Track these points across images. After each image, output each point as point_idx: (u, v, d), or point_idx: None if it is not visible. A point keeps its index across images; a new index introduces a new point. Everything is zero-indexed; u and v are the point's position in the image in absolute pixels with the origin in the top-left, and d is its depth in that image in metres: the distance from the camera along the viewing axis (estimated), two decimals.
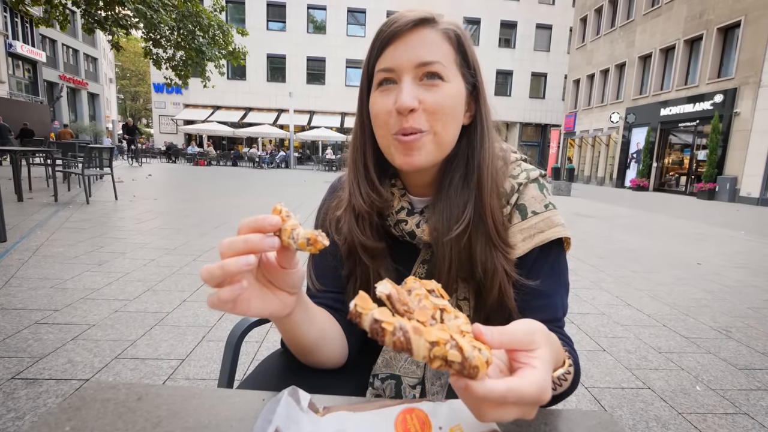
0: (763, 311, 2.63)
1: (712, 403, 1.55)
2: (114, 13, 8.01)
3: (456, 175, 0.58)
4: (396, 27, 0.53)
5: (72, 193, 6.38)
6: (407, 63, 0.53)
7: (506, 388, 0.30)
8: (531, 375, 0.31)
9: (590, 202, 10.16)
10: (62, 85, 26.58)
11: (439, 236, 0.57)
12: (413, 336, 0.29)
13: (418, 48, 0.53)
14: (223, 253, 0.37)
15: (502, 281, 0.56)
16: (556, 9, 26.16)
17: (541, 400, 0.31)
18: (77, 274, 2.60)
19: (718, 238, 5.59)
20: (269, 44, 25.06)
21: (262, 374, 0.59)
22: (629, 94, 17.97)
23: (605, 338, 2.11)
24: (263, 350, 1.78)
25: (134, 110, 54.04)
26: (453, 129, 0.56)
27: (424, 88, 0.53)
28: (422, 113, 0.53)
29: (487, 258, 0.56)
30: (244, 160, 22.68)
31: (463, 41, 0.56)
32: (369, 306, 0.31)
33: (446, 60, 0.54)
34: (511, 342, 0.33)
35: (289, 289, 0.44)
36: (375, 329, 0.29)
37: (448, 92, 0.53)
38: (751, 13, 12.30)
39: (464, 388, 0.30)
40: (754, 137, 12.13)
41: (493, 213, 0.57)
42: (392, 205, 0.62)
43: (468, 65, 0.57)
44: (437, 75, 0.53)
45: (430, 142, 0.54)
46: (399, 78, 0.53)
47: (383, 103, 0.54)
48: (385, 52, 0.54)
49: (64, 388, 1.40)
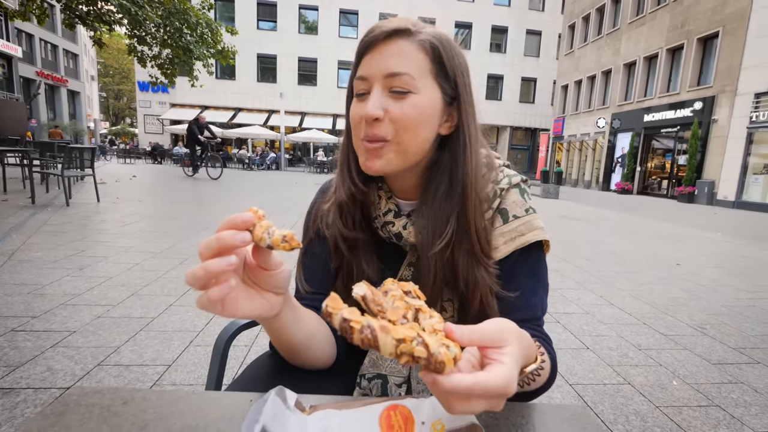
0: (736, 309, 2.72)
1: (687, 396, 1.60)
2: (96, 8, 7.79)
3: (440, 187, 0.59)
4: (371, 37, 0.55)
5: (51, 195, 6.21)
6: (377, 73, 0.54)
7: (473, 382, 0.32)
8: (497, 369, 0.33)
9: (577, 205, 10.34)
10: (39, 81, 25.80)
11: (424, 249, 0.58)
12: (380, 333, 0.31)
13: (388, 58, 0.54)
14: (201, 254, 0.37)
15: (484, 293, 0.58)
16: (545, 15, 26.62)
17: (506, 393, 0.33)
18: (56, 279, 2.54)
19: (696, 239, 5.76)
20: (260, 44, 24.84)
21: (251, 376, 0.60)
22: (615, 100, 18.37)
23: (589, 336, 2.16)
24: (252, 354, 1.77)
25: (117, 109, 52.95)
26: (419, 140, 0.56)
27: (392, 99, 0.54)
28: (388, 123, 0.55)
29: (469, 272, 0.58)
30: (233, 161, 22.42)
31: (440, 52, 0.56)
32: (339, 306, 0.33)
33: (418, 71, 0.54)
34: (480, 339, 0.35)
35: (274, 289, 0.45)
36: (344, 327, 0.32)
37: (414, 103, 0.54)
38: (728, 24, 12.73)
39: (432, 382, 0.32)
40: (730, 143, 12.54)
41: (476, 228, 0.58)
42: (380, 207, 0.64)
43: (446, 76, 0.57)
44: (405, 88, 0.54)
45: (393, 151, 0.56)
46: (370, 87, 0.55)
47: (356, 111, 0.57)
48: (362, 60, 0.57)
49: (43, 397, 1.37)
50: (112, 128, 46.25)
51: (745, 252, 4.93)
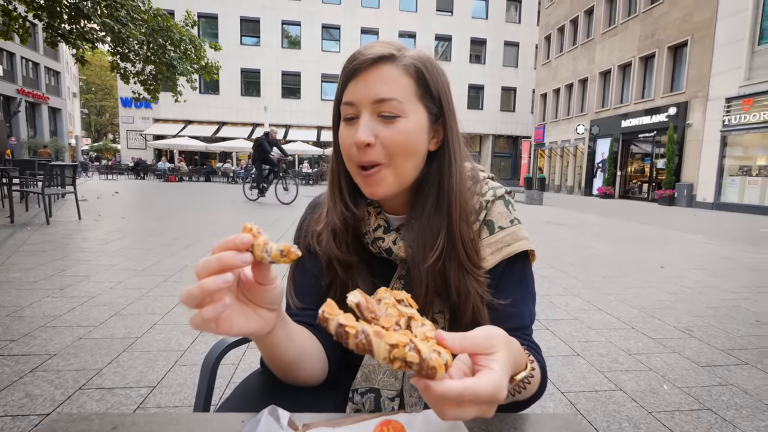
0: (722, 310, 2.78)
1: (679, 400, 1.62)
2: (79, 26, 7.73)
3: (428, 201, 0.60)
4: (357, 63, 0.56)
5: (30, 214, 6.05)
6: (365, 99, 0.55)
7: (463, 388, 0.32)
8: (487, 375, 0.34)
9: (561, 211, 10.52)
10: (20, 99, 25.33)
11: (416, 262, 0.59)
12: (374, 338, 0.32)
13: (376, 85, 0.55)
14: (199, 274, 0.37)
15: (476, 303, 0.58)
16: (522, 27, 27.44)
17: (496, 399, 0.34)
18: (36, 300, 2.45)
19: (678, 242, 5.90)
20: (243, 59, 24.92)
21: (241, 396, 0.59)
22: (592, 107, 18.91)
23: (578, 343, 2.17)
24: (239, 372, 1.73)
25: (100, 125, 52.12)
26: (412, 161, 0.58)
27: (381, 123, 0.56)
28: (380, 147, 0.56)
29: (461, 282, 0.59)
30: (217, 175, 22.21)
31: (424, 74, 0.57)
32: (335, 312, 0.34)
33: (405, 95, 0.56)
34: (471, 346, 0.35)
35: (269, 305, 0.44)
36: (339, 332, 0.32)
37: (403, 128, 0.56)
38: (696, 33, 13.31)
39: (424, 387, 0.32)
40: (706, 146, 13.00)
41: (463, 239, 0.59)
42: (369, 223, 0.64)
43: (431, 96, 0.58)
44: (393, 113, 0.55)
45: (390, 174, 0.57)
46: (359, 113, 0.56)
47: (347, 136, 0.58)
48: (348, 85, 0.57)
49: (22, 424, 1.31)
50: (94, 144, 45.49)
51: (725, 253, 5.07)
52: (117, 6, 7.39)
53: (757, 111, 11.26)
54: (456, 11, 26.47)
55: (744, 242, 5.99)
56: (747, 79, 11.54)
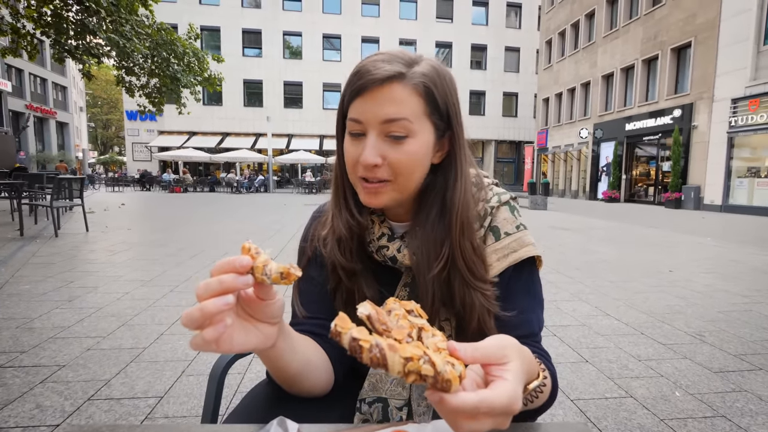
0: (733, 314, 2.74)
1: (691, 407, 1.59)
2: (85, 42, 7.90)
3: (432, 211, 0.60)
4: (364, 82, 0.54)
5: (39, 227, 6.12)
6: (374, 119, 0.54)
7: (478, 400, 0.32)
8: (501, 386, 0.33)
9: (566, 215, 10.46)
10: (28, 114, 25.78)
11: (421, 271, 0.59)
12: (388, 352, 0.31)
13: (385, 105, 0.54)
14: (199, 296, 0.37)
15: (481, 315, 0.58)
16: (522, 33, 27.54)
17: (511, 410, 0.33)
18: (45, 312, 2.47)
19: (686, 245, 5.83)
20: (245, 70, 25.23)
21: (249, 406, 0.59)
22: (595, 111, 18.86)
23: (587, 349, 2.15)
24: (246, 382, 1.73)
25: (106, 138, 52.82)
26: (416, 178, 0.59)
27: (389, 144, 0.55)
28: (386, 167, 0.56)
29: (465, 296, 0.58)
30: (221, 185, 22.36)
31: (433, 92, 0.56)
32: (348, 325, 0.33)
33: (414, 114, 0.55)
34: (483, 357, 0.35)
35: (269, 320, 0.44)
36: (353, 347, 0.32)
37: (411, 149, 0.55)
38: (700, 34, 13.28)
39: (439, 401, 0.32)
40: (712, 148, 12.88)
41: (464, 255, 0.58)
42: (373, 232, 0.64)
43: (440, 113, 0.58)
44: (402, 134, 0.54)
45: (393, 189, 0.58)
46: (366, 131, 0.55)
47: (352, 151, 0.57)
48: (355, 101, 0.56)
49: None
50: (100, 157, 46.01)
51: (734, 256, 5.00)
52: (122, 21, 7.54)
53: (764, 111, 11.16)
54: (456, 18, 26.65)
55: (753, 245, 5.92)
56: (753, 79, 11.46)
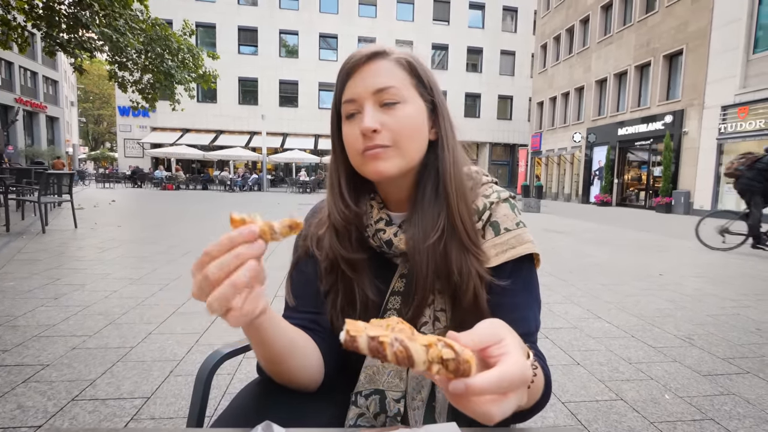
0: (721, 318, 2.77)
1: (681, 410, 1.60)
2: (77, 35, 7.77)
3: (428, 187, 0.62)
4: (353, 62, 0.59)
5: (26, 222, 6.01)
6: (365, 92, 0.58)
7: (498, 374, 0.32)
8: (509, 359, 0.34)
9: (559, 218, 10.53)
10: (18, 108, 25.34)
11: (417, 244, 0.60)
12: (410, 344, 0.30)
13: (373, 77, 0.58)
14: (214, 275, 0.36)
15: (476, 284, 0.59)
16: (518, 37, 27.76)
17: (526, 379, 0.34)
18: (30, 309, 2.42)
19: (676, 249, 5.91)
20: (241, 67, 25.06)
21: (236, 410, 0.57)
22: (589, 115, 19.05)
23: (578, 351, 2.15)
24: (236, 382, 1.71)
25: (97, 134, 52.15)
26: (417, 144, 0.60)
27: (384, 112, 0.58)
28: (386, 132, 0.58)
29: (462, 262, 0.59)
30: (215, 183, 22.20)
31: (415, 66, 0.61)
32: (360, 328, 0.31)
33: (401, 83, 0.59)
34: (480, 340, 0.35)
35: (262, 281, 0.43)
36: (374, 347, 0.30)
37: (406, 112, 0.59)
38: (691, 42, 13.49)
39: (465, 388, 0.31)
40: (702, 154, 13.09)
41: (462, 217, 0.60)
42: (371, 216, 0.65)
43: (424, 86, 0.62)
44: (394, 100, 0.58)
45: (396, 155, 0.59)
46: (361, 107, 0.59)
47: (352, 131, 0.60)
48: (346, 85, 0.60)
49: None
50: (91, 153, 45.44)
51: (723, 261, 5.07)
52: (115, 15, 7.44)
53: (753, 119, 11.36)
54: (452, 21, 26.79)
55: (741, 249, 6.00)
56: (742, 87, 11.66)
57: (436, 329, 0.62)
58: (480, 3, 27.00)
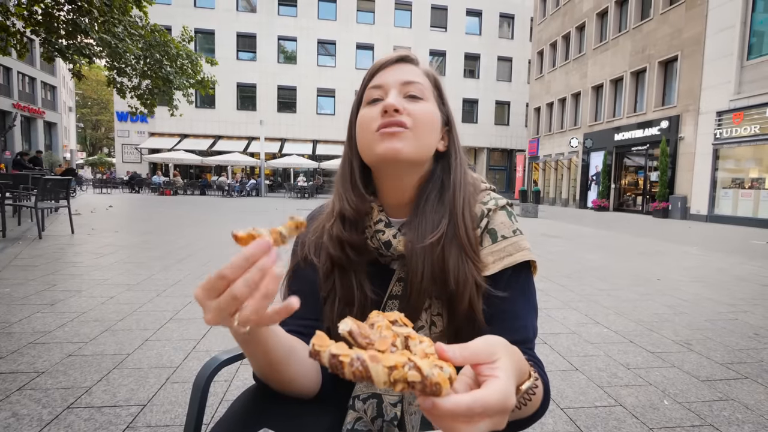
0: (719, 323, 2.77)
1: (680, 416, 1.59)
2: (76, 41, 7.79)
3: (432, 194, 0.64)
4: (384, 60, 0.65)
5: (23, 228, 5.98)
6: (393, 81, 0.62)
7: (471, 400, 0.31)
8: (494, 384, 0.33)
9: (556, 223, 10.56)
10: (16, 113, 25.29)
11: (414, 245, 0.60)
12: (371, 363, 0.30)
13: (402, 73, 0.63)
14: (243, 293, 0.35)
15: (472, 292, 0.59)
16: (515, 43, 28.00)
17: (506, 408, 0.32)
18: (26, 316, 2.40)
19: (674, 254, 5.92)
20: (239, 73, 25.15)
21: (233, 417, 0.57)
22: (585, 121, 19.17)
23: (577, 357, 2.15)
24: (233, 389, 1.69)
25: (95, 139, 52.11)
26: (431, 140, 0.63)
27: (407, 101, 0.61)
28: (407, 115, 0.60)
29: (460, 269, 0.59)
30: (213, 188, 22.17)
31: (437, 80, 0.67)
32: (326, 343, 0.32)
33: (425, 85, 0.64)
34: (472, 356, 0.34)
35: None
36: (334, 363, 0.31)
37: (428, 108, 0.62)
38: (686, 48, 13.63)
39: (431, 407, 0.31)
40: (698, 159, 13.17)
41: (465, 224, 0.62)
42: (371, 217, 0.65)
43: (442, 100, 0.67)
44: (418, 94, 0.62)
45: (412, 138, 0.60)
46: (386, 93, 0.62)
47: (369, 112, 0.62)
48: (374, 77, 0.64)
49: None
50: (89, 158, 45.34)
51: (720, 265, 5.08)
52: (114, 22, 7.46)
53: (748, 124, 11.46)
54: (450, 27, 27.00)
55: (738, 254, 6.03)
56: (737, 93, 11.77)
57: (432, 333, 0.62)
58: (477, 10, 27.24)
